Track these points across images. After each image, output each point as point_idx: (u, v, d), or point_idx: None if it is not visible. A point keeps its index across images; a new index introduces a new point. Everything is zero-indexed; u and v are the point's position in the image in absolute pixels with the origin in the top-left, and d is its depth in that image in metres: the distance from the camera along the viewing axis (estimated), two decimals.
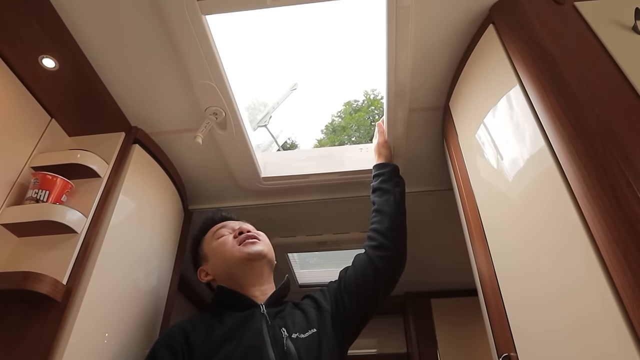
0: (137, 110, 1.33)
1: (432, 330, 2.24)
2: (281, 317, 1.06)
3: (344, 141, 6.76)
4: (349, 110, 7.37)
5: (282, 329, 1.01)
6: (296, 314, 1.08)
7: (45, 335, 0.96)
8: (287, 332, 1.00)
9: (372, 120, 7.25)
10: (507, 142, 0.95)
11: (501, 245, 0.97)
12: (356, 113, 7.15)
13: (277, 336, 0.99)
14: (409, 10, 1.03)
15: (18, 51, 1.10)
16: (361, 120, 6.95)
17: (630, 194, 0.65)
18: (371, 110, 7.17)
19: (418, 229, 1.80)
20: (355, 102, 7.90)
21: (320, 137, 7.70)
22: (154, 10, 1.06)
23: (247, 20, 1.33)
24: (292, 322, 1.04)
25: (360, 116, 7.03)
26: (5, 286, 0.94)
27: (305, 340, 1.00)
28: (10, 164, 1.12)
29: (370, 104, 7.43)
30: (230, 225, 1.24)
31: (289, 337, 0.99)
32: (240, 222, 1.28)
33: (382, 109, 3.66)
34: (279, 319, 1.05)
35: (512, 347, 0.87)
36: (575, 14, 0.97)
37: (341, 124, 7.36)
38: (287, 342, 0.97)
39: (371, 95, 7.74)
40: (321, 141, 7.19)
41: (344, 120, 7.24)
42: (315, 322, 1.05)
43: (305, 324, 1.05)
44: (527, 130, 0.87)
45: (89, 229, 1.13)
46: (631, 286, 0.58)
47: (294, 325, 1.03)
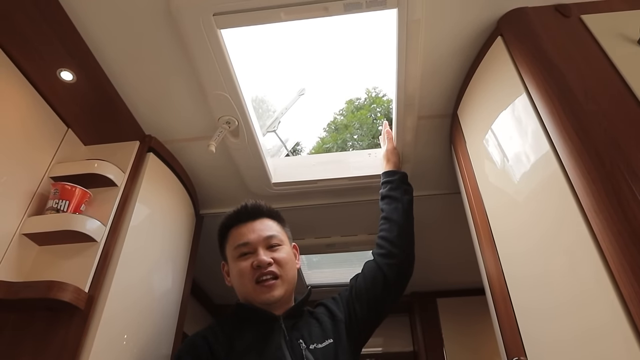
0: (151, 119, 1.36)
1: (439, 329, 2.27)
2: (298, 329, 1.07)
3: (346, 139, 6.79)
4: (351, 108, 7.39)
5: (300, 340, 1.03)
6: (312, 323, 1.10)
7: (70, 341, 1.00)
8: (305, 343, 1.02)
9: (375, 118, 7.28)
10: (515, 152, 0.98)
11: (511, 253, 1.00)
12: (358, 111, 7.17)
13: (295, 349, 1.01)
14: (420, 23, 1.05)
15: (37, 65, 1.13)
16: (363, 118, 6.97)
17: (637, 207, 0.68)
18: (373, 108, 7.19)
19: (425, 230, 1.84)
20: (358, 99, 7.91)
21: (322, 135, 7.72)
22: (170, 24, 1.08)
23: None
24: (308, 333, 1.06)
25: (362, 114, 7.05)
26: (31, 295, 0.98)
27: (323, 350, 1.02)
28: (30, 175, 1.16)
29: (372, 102, 7.45)
30: (254, 243, 1.12)
31: (307, 349, 1.01)
32: (262, 232, 1.14)
33: (383, 107, 3.62)
34: (296, 330, 1.06)
35: (523, 352, 0.90)
36: (581, 27, 0.99)
37: (343, 122, 7.39)
38: (306, 354, 0.99)
39: (373, 93, 7.75)
40: (324, 139, 7.22)
41: (347, 118, 7.26)
42: (330, 332, 1.08)
43: (322, 334, 1.07)
44: (535, 141, 0.89)
45: (107, 238, 1.17)
46: (638, 298, 0.61)
47: (310, 336, 1.05)
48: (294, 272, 1.15)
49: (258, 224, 1.15)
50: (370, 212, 1.74)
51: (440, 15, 1.08)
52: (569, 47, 0.95)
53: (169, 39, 1.12)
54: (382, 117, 7.68)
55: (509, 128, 1.02)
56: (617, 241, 0.67)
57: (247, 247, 1.11)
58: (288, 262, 1.13)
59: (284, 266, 1.11)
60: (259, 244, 1.11)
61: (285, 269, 1.11)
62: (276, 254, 1.11)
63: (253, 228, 1.14)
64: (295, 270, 1.16)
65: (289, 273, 1.12)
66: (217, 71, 1.16)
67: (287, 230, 1.22)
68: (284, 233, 1.20)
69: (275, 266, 1.09)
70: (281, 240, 1.16)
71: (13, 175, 1.09)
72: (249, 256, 1.11)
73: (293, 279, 1.14)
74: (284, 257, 1.12)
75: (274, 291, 1.07)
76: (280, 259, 1.11)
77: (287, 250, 1.15)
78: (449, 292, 2.34)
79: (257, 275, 1.07)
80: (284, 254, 1.12)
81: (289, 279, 1.11)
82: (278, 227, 1.19)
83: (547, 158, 0.85)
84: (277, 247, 1.13)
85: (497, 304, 1.06)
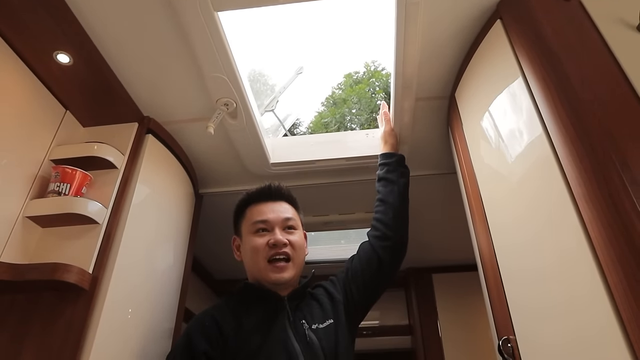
0: (149, 101, 1.36)
1: (433, 303, 2.34)
2: (301, 309, 1.11)
3: (344, 114, 6.75)
4: (349, 82, 7.31)
5: (303, 320, 1.07)
6: (313, 304, 1.14)
7: (76, 320, 1.03)
8: (308, 323, 1.07)
9: (373, 93, 7.22)
10: (510, 136, 1.00)
11: (502, 233, 1.02)
12: (357, 85, 7.10)
13: (299, 328, 1.05)
14: (418, 6, 1.04)
15: (33, 48, 1.12)
16: (362, 92, 6.91)
17: (626, 199, 0.70)
18: (372, 82, 7.12)
19: (422, 209, 1.87)
20: (356, 73, 7.81)
21: (321, 110, 7.66)
22: (167, 6, 1.07)
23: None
24: (310, 314, 1.10)
25: (361, 88, 6.98)
26: (37, 277, 1.01)
27: (324, 330, 1.07)
28: (30, 158, 1.17)
29: (371, 76, 7.36)
30: (272, 222, 1.14)
31: (310, 328, 1.06)
32: (281, 214, 1.17)
33: (382, 81, 3.58)
34: (299, 311, 1.11)
35: (512, 331, 0.94)
36: (581, 11, 0.98)
37: (342, 96, 7.32)
38: (309, 333, 1.04)
39: (372, 67, 7.65)
40: (322, 113, 7.16)
41: (345, 92, 7.19)
42: (330, 313, 1.12)
43: (322, 314, 1.11)
44: (530, 127, 0.90)
45: (109, 220, 1.19)
46: (623, 285, 0.64)
47: (312, 316, 1.10)
48: (303, 257, 1.18)
49: (278, 206, 1.18)
50: (368, 191, 1.76)
51: None
52: (568, 33, 0.95)
53: (166, 21, 1.11)
54: (381, 91, 7.63)
55: (504, 112, 1.03)
56: (606, 232, 0.69)
57: (265, 224, 1.14)
58: (301, 246, 1.16)
59: (297, 249, 1.14)
60: (277, 224, 1.14)
61: (297, 253, 1.14)
62: (291, 237, 1.14)
63: (273, 208, 1.17)
64: (304, 255, 1.19)
65: (300, 257, 1.15)
66: (214, 54, 1.15)
67: (301, 217, 1.25)
68: (299, 219, 1.23)
69: (290, 248, 1.12)
70: (297, 224, 1.20)
71: (14, 158, 1.10)
72: (266, 234, 1.13)
73: (302, 263, 1.17)
74: (298, 241, 1.15)
75: (284, 272, 1.10)
76: (295, 242, 1.14)
77: (301, 235, 1.19)
78: (444, 267, 2.40)
79: (272, 254, 1.10)
80: (297, 238, 1.16)
81: (299, 262, 1.15)
82: (295, 213, 1.22)
83: (541, 144, 0.86)
84: (293, 231, 1.17)
85: (489, 283, 1.10)
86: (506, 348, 0.93)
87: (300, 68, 1.83)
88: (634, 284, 0.63)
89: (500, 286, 1.00)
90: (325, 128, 6.68)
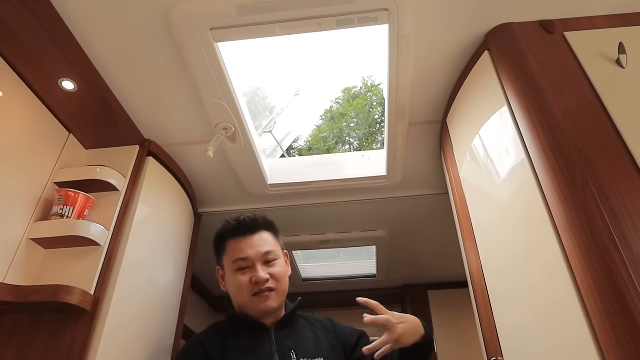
0: (150, 125, 1.40)
1: (429, 319, 2.36)
2: (292, 339, 1.11)
3: (342, 128, 6.79)
4: (347, 97, 7.37)
5: (292, 351, 1.07)
6: (308, 336, 1.14)
7: (78, 341, 1.06)
8: (296, 355, 1.07)
9: (370, 107, 7.28)
10: (496, 161, 1.04)
11: (490, 254, 1.06)
12: (354, 100, 7.17)
13: (285, 357, 1.06)
14: (410, 38, 1.09)
15: (40, 75, 1.16)
16: (360, 107, 6.97)
17: (603, 227, 0.74)
18: (369, 97, 7.19)
19: (417, 227, 1.91)
20: (354, 88, 7.89)
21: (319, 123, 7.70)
22: (169, 38, 1.12)
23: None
24: (302, 346, 1.10)
25: (359, 103, 7.05)
26: (40, 299, 1.03)
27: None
28: (35, 180, 1.20)
29: (368, 91, 7.44)
30: (252, 259, 1.16)
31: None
32: (260, 248, 1.17)
33: (378, 95, 3.61)
34: (290, 340, 1.11)
35: (499, 352, 0.97)
36: (564, 44, 1.04)
37: (340, 110, 7.38)
38: None
39: (369, 82, 7.73)
40: (320, 128, 7.21)
41: (343, 107, 7.25)
42: (324, 353, 1.10)
43: (315, 351, 1.10)
44: (514, 154, 0.95)
45: (111, 241, 1.22)
46: (600, 311, 0.68)
47: (303, 349, 1.09)
48: (287, 284, 1.20)
49: (256, 239, 1.19)
50: (364, 211, 1.80)
51: (429, 31, 1.12)
52: (551, 66, 1.00)
53: (167, 50, 1.16)
54: (378, 105, 7.68)
55: (491, 139, 1.08)
56: (584, 258, 0.73)
57: (245, 262, 1.16)
58: (283, 276, 1.18)
59: (280, 280, 1.16)
60: (257, 260, 1.16)
61: (280, 283, 1.16)
62: (272, 270, 1.16)
63: (252, 243, 1.18)
64: (287, 281, 1.20)
65: (283, 286, 1.17)
66: (214, 81, 1.20)
67: (280, 241, 1.26)
68: (278, 245, 1.24)
69: (272, 281, 1.15)
70: (277, 254, 1.20)
71: (19, 181, 1.13)
72: (247, 270, 1.15)
73: (286, 291, 1.19)
74: (279, 272, 1.17)
75: (269, 301, 1.13)
76: (276, 274, 1.16)
77: (282, 264, 1.20)
78: (439, 284, 2.43)
79: (255, 290, 1.13)
80: (279, 269, 1.18)
81: (282, 289, 1.17)
82: (274, 240, 1.23)
83: (524, 171, 0.90)
84: (274, 262, 1.18)
85: (478, 303, 1.13)
86: None
87: (298, 90, 1.88)
88: (609, 307, 0.67)
89: (489, 306, 1.03)
90: (324, 142, 6.70)
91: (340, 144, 5.86)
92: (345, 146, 4.11)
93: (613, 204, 0.76)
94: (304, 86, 1.97)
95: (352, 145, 4.10)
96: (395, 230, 1.94)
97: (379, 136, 3.60)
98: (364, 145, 3.65)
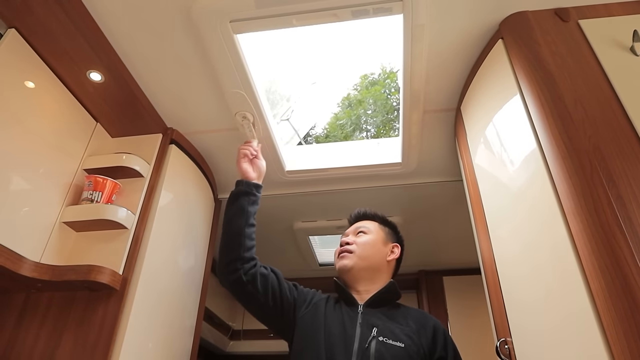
0: (173, 114, 1.46)
1: (444, 305, 2.40)
2: (381, 319, 1.15)
3: (360, 116, 6.78)
4: (364, 83, 7.34)
5: (375, 328, 1.11)
6: (397, 326, 1.14)
7: (108, 317, 1.13)
8: (377, 333, 1.10)
9: (388, 94, 7.24)
10: (508, 149, 1.06)
11: (501, 240, 1.09)
12: (372, 87, 7.13)
13: (364, 334, 1.10)
14: (424, 27, 1.11)
15: (69, 67, 1.22)
16: (377, 94, 6.94)
17: (610, 212, 0.76)
18: (387, 84, 7.14)
19: (432, 213, 1.94)
20: (372, 74, 7.84)
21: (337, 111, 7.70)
22: (190, 30, 1.16)
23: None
24: (388, 328, 1.12)
25: (376, 90, 7.01)
26: (73, 277, 1.11)
27: (389, 346, 1.08)
28: (65, 168, 1.27)
29: (386, 77, 7.38)
30: (348, 231, 1.38)
31: (376, 338, 1.09)
32: (357, 225, 1.38)
33: (396, 82, 3.55)
34: (378, 319, 1.15)
35: (509, 333, 1.00)
36: (578, 32, 1.04)
37: (357, 97, 7.36)
38: (371, 341, 1.08)
39: (387, 68, 7.66)
40: (337, 115, 7.21)
41: (360, 94, 7.22)
42: (405, 341, 1.10)
43: (398, 336, 1.11)
44: (525, 142, 0.97)
45: (137, 224, 1.29)
46: (603, 292, 0.71)
47: (388, 330, 1.12)
48: (372, 253, 1.30)
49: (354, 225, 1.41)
50: (379, 197, 1.83)
51: (443, 20, 1.14)
52: (565, 54, 1.01)
53: (189, 42, 1.20)
54: (396, 92, 7.63)
55: (504, 127, 1.10)
56: (590, 243, 0.75)
57: (345, 235, 1.40)
58: (367, 242, 1.31)
59: (357, 251, 1.29)
60: (350, 232, 1.38)
61: (357, 253, 1.28)
62: (358, 238, 1.33)
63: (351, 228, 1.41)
64: (374, 253, 1.30)
65: (361, 257, 1.28)
66: (233, 71, 1.24)
67: (386, 230, 1.38)
68: (380, 231, 1.36)
69: (349, 248, 1.30)
70: (370, 230, 1.35)
71: (51, 168, 1.20)
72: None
73: (364, 266, 1.27)
74: (364, 240, 1.32)
75: (344, 260, 1.28)
76: (359, 242, 1.32)
77: (371, 237, 1.33)
78: (454, 270, 2.45)
79: (337, 251, 1.33)
80: (364, 238, 1.32)
81: (359, 262, 1.27)
82: (374, 226, 1.38)
83: (535, 159, 0.92)
84: (361, 235, 1.34)
85: (489, 286, 1.16)
86: (503, 349, 1.00)
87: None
88: (612, 288, 0.69)
89: (499, 290, 1.07)
90: (341, 129, 6.71)
91: (358, 131, 5.86)
92: (362, 133, 4.12)
93: (621, 190, 0.78)
94: (322, 74, 2.00)
95: (369, 133, 4.12)
96: (410, 216, 1.97)
97: (396, 123, 3.61)
98: (381, 132, 3.66)
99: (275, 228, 2.08)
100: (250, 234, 1.27)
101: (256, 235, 1.31)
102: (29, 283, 1.11)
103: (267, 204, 1.85)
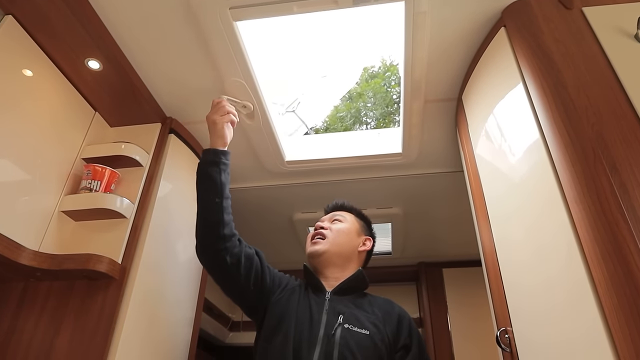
0: (172, 103, 1.45)
1: (443, 297, 2.40)
2: (347, 306, 1.15)
3: (360, 108, 6.77)
4: (365, 76, 7.31)
5: (341, 316, 1.11)
6: (363, 314, 1.14)
7: (107, 306, 1.13)
8: (343, 320, 1.10)
9: (388, 87, 7.22)
10: (510, 139, 1.05)
11: (502, 230, 1.08)
12: (372, 79, 7.11)
13: (331, 321, 1.10)
14: (426, 15, 1.10)
15: (67, 55, 1.21)
16: (377, 87, 6.92)
17: (612, 200, 0.76)
18: (387, 77, 7.11)
19: (432, 205, 1.93)
20: (372, 67, 7.82)
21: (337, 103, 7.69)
22: (189, 17, 1.15)
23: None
24: (354, 316, 1.12)
25: (376, 83, 6.98)
26: (72, 266, 1.11)
27: (354, 333, 1.07)
28: (64, 157, 1.26)
29: (386, 70, 7.35)
30: (324, 217, 1.38)
31: (342, 325, 1.08)
32: (334, 213, 1.38)
33: (397, 75, 3.55)
34: (345, 307, 1.14)
35: (509, 322, 1.00)
36: (582, 19, 1.03)
37: (357, 89, 7.34)
38: (337, 328, 1.08)
39: (387, 61, 7.63)
40: (337, 107, 7.20)
41: (361, 87, 7.20)
42: (370, 329, 1.10)
43: (363, 323, 1.11)
44: (528, 131, 0.96)
45: (136, 214, 1.28)
46: (605, 280, 0.70)
47: (354, 318, 1.12)
48: (345, 241, 1.29)
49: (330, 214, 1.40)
50: (379, 188, 1.83)
51: (445, 7, 1.12)
52: (568, 42, 1.00)
53: (188, 30, 1.19)
54: (396, 85, 7.61)
55: (506, 116, 1.09)
56: (592, 230, 0.75)
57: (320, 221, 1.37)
58: (342, 230, 1.31)
59: (331, 237, 1.29)
60: (326, 219, 1.37)
61: (330, 239, 1.28)
62: (333, 225, 1.33)
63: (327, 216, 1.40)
64: (347, 241, 1.30)
65: (334, 244, 1.27)
66: (233, 60, 1.23)
67: (360, 223, 1.38)
68: (355, 222, 1.36)
69: (323, 232, 1.29)
70: (345, 219, 1.35)
71: (49, 157, 1.19)
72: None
73: (335, 253, 1.27)
74: (337, 230, 1.31)
75: (317, 245, 1.27)
76: (334, 228, 1.31)
77: (346, 226, 1.33)
78: (454, 262, 2.45)
79: (311, 235, 1.32)
80: (339, 226, 1.32)
81: (331, 248, 1.26)
82: (350, 217, 1.37)
83: (538, 147, 0.91)
84: (336, 222, 1.34)
85: (490, 276, 1.16)
86: (503, 338, 0.99)
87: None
88: (614, 275, 0.69)
89: (500, 279, 1.06)
90: (341, 122, 6.70)
91: (358, 123, 5.87)
92: (362, 126, 4.10)
93: (623, 178, 0.78)
94: (324, 67, 1.98)
95: (369, 125, 4.11)
96: (410, 207, 1.96)
97: (396, 116, 3.59)
98: (380, 125, 3.64)
99: (275, 219, 2.07)
100: (227, 207, 1.18)
101: (255, 227, 1.30)
102: (27, 272, 1.11)
103: (266, 195, 1.85)
